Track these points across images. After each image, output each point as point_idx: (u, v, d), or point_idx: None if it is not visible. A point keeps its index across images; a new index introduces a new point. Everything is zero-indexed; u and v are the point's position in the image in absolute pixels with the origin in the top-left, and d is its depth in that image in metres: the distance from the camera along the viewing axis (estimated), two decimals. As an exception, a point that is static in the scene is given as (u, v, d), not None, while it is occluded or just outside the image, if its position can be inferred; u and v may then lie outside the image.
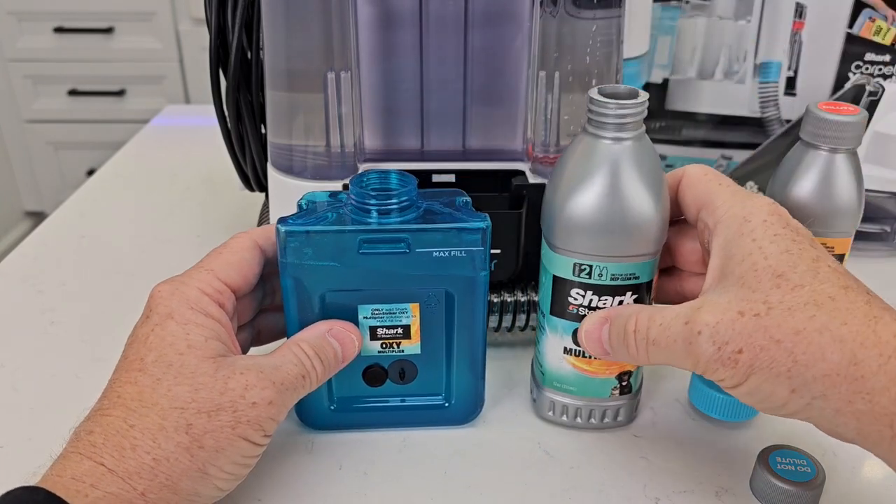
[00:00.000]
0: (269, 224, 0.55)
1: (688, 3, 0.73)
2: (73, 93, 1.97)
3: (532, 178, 0.47)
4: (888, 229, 0.64)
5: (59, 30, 1.90)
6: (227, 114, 0.52)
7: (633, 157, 0.37)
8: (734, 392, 0.33)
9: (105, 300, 0.56)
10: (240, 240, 0.40)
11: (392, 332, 0.41)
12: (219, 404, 0.33)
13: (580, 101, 0.46)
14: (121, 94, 1.98)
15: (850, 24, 0.68)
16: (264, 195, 0.59)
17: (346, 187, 0.47)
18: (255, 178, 0.56)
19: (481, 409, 0.44)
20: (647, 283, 0.40)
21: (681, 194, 0.39)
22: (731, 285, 0.33)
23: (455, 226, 0.38)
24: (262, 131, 0.53)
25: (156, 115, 0.98)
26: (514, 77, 0.49)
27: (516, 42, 0.48)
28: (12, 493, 0.29)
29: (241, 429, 0.34)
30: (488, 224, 0.38)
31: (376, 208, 0.38)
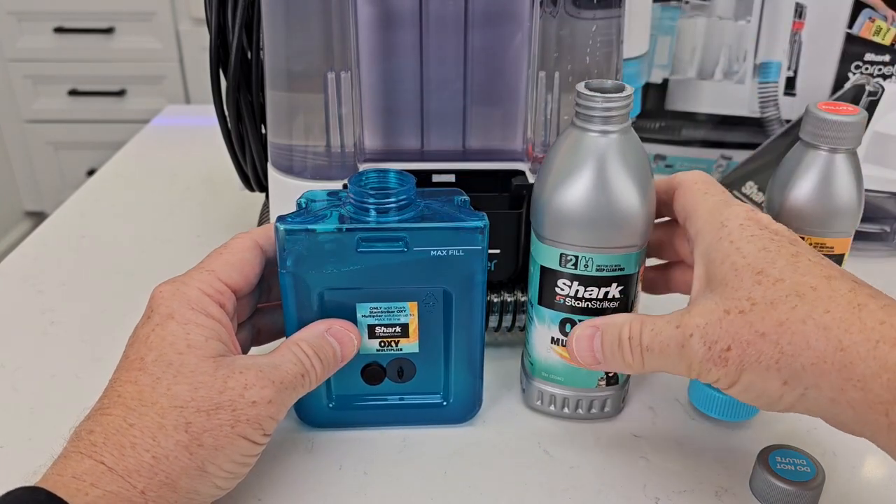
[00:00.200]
0: (269, 224, 0.55)
1: (688, 3, 0.73)
2: (74, 93, 1.97)
3: (532, 178, 0.47)
4: (888, 229, 0.64)
5: (59, 30, 1.90)
6: (227, 114, 0.52)
7: (620, 150, 0.38)
8: (730, 392, 0.33)
9: (105, 300, 0.56)
10: (240, 240, 0.40)
11: (390, 330, 0.41)
12: (218, 403, 0.33)
13: (580, 101, 0.46)
14: (121, 94, 1.98)
15: (850, 25, 0.68)
16: (264, 195, 0.59)
17: (346, 187, 0.47)
18: (255, 178, 0.56)
19: (479, 408, 0.44)
20: (633, 275, 0.40)
21: (675, 202, 0.40)
22: (716, 287, 0.34)
23: (453, 225, 0.38)
24: (263, 131, 0.53)
25: (156, 115, 0.98)
26: (514, 77, 0.49)
27: (516, 42, 0.48)
28: (13, 493, 0.29)
29: (240, 427, 0.34)
30: (486, 223, 0.38)
31: (375, 207, 0.38)
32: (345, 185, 0.47)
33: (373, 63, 0.48)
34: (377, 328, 0.41)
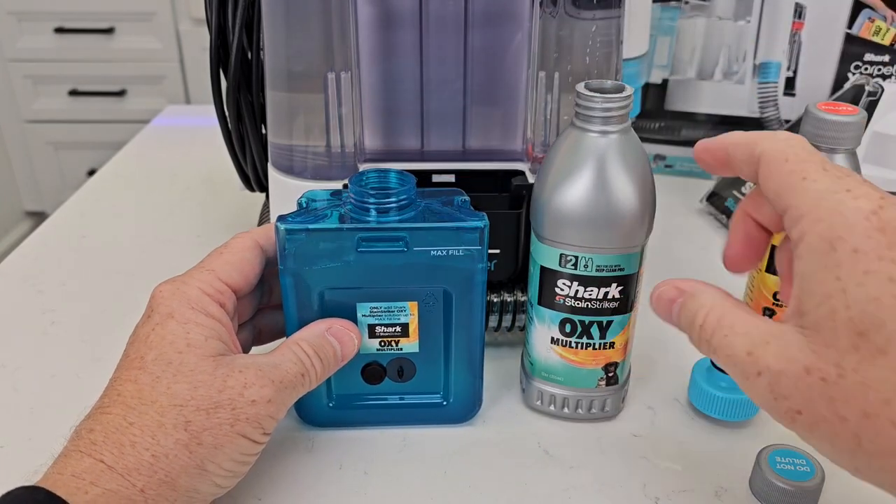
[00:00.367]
0: (269, 224, 0.55)
1: (687, 3, 0.73)
2: (74, 93, 1.97)
3: (532, 178, 0.47)
4: (888, 229, 0.64)
5: (59, 30, 1.90)
6: (227, 114, 0.52)
7: (619, 151, 0.38)
8: None
9: (105, 300, 0.56)
10: (240, 240, 0.40)
11: (391, 330, 0.41)
12: (217, 402, 0.34)
13: (580, 102, 0.46)
14: (121, 94, 1.98)
15: (850, 25, 0.69)
16: (264, 195, 0.59)
17: (346, 187, 0.47)
18: (255, 179, 0.56)
19: (479, 408, 0.44)
20: (633, 275, 0.40)
21: (762, 186, 0.31)
22: (808, 326, 0.27)
23: (453, 225, 0.38)
24: (263, 131, 0.53)
25: (156, 115, 0.98)
26: (514, 77, 0.49)
27: (516, 42, 0.48)
28: (12, 493, 0.29)
29: (239, 426, 0.34)
30: (486, 223, 0.38)
31: (375, 207, 0.38)
32: (345, 185, 0.47)
33: (373, 63, 0.48)
34: (377, 328, 0.41)
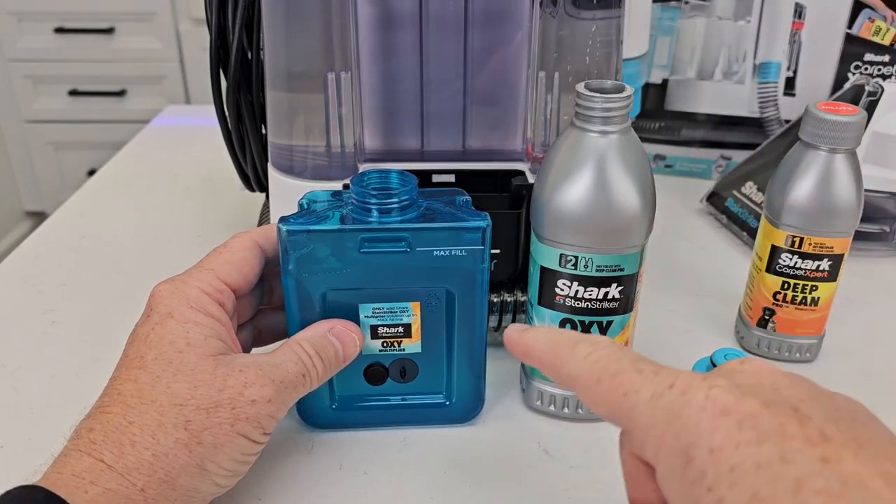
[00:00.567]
0: (269, 224, 0.55)
1: (687, 3, 0.73)
2: (74, 93, 1.97)
3: (532, 178, 0.47)
4: (887, 229, 0.64)
5: (59, 30, 1.90)
6: (227, 114, 0.52)
7: (619, 151, 0.38)
8: None
9: (105, 300, 0.56)
10: (240, 239, 0.40)
11: (393, 330, 0.41)
12: (217, 401, 0.33)
13: (580, 102, 0.46)
14: (121, 94, 1.98)
15: (850, 25, 0.69)
16: (264, 195, 0.59)
17: (346, 187, 0.47)
18: (255, 179, 0.56)
19: (481, 407, 0.44)
20: (633, 275, 0.40)
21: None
22: None
23: (456, 225, 0.38)
24: (263, 131, 0.53)
25: (156, 115, 0.99)
26: (514, 77, 0.49)
27: (516, 42, 0.48)
28: (11, 492, 0.29)
29: (239, 426, 0.34)
30: (489, 223, 0.38)
31: (377, 207, 0.38)
32: (345, 186, 0.47)
33: (373, 63, 0.48)
34: (380, 328, 0.41)
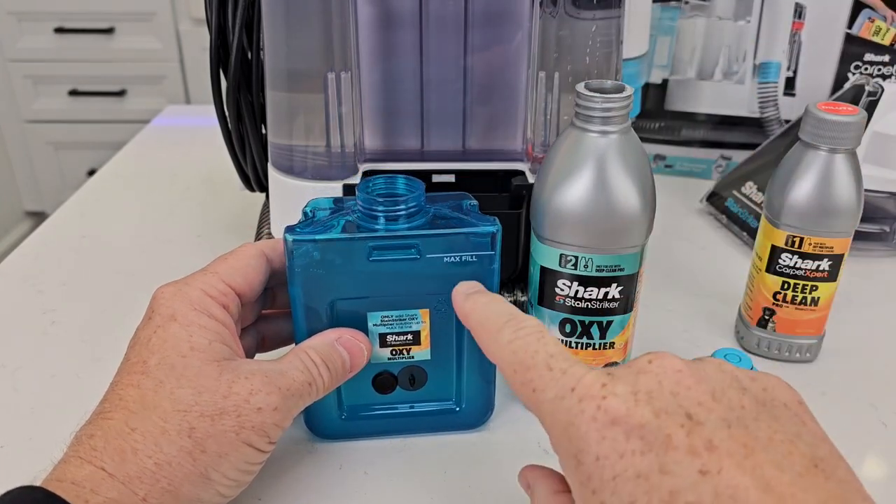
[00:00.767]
0: (269, 223, 0.55)
1: (687, 3, 0.73)
2: (74, 93, 1.97)
3: (532, 178, 0.47)
4: (887, 229, 0.64)
5: (59, 30, 1.90)
6: (227, 114, 0.52)
7: (619, 151, 0.38)
8: None
9: (105, 300, 0.56)
10: (247, 247, 0.39)
11: (402, 338, 0.40)
12: (222, 408, 0.33)
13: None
14: (121, 94, 1.98)
15: (850, 25, 0.69)
16: (264, 195, 0.59)
17: (346, 188, 0.47)
18: (255, 179, 0.56)
19: (491, 413, 0.44)
20: (633, 275, 0.40)
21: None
22: None
23: (465, 230, 0.37)
24: (263, 131, 0.53)
25: (156, 115, 0.99)
26: (514, 77, 0.49)
27: (516, 42, 0.48)
28: (11, 493, 0.29)
29: (244, 434, 0.33)
30: (498, 228, 0.38)
31: (384, 215, 0.37)
32: (345, 186, 0.47)
33: (373, 63, 0.48)
34: (388, 336, 0.40)
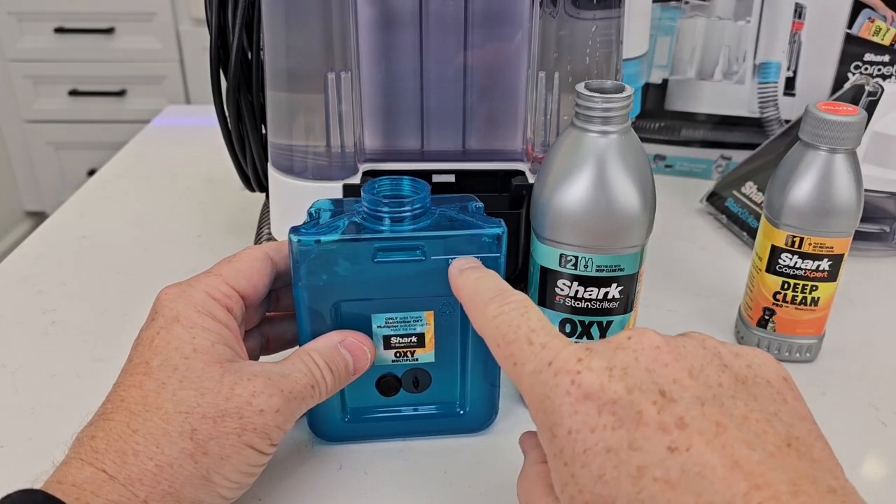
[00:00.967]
0: (269, 223, 0.55)
1: (687, 3, 0.73)
2: (74, 93, 1.98)
3: (532, 178, 0.47)
4: (887, 229, 0.64)
5: (59, 30, 1.90)
6: (227, 114, 0.52)
7: (619, 151, 0.38)
8: None
9: (105, 300, 0.56)
10: (251, 250, 0.39)
11: (406, 340, 0.40)
12: (224, 410, 0.33)
13: (580, 102, 0.46)
14: (121, 94, 1.98)
15: (850, 25, 0.69)
16: (264, 195, 0.59)
17: (346, 188, 0.47)
18: (255, 179, 0.56)
19: (496, 416, 0.43)
20: (633, 275, 0.40)
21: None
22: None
23: (471, 232, 0.37)
24: (263, 131, 0.53)
25: (156, 115, 0.99)
26: (514, 77, 0.49)
27: (516, 42, 0.48)
28: (11, 496, 0.29)
29: (247, 436, 0.33)
30: (504, 230, 0.37)
31: (389, 216, 0.37)
32: (345, 186, 0.47)
33: (373, 63, 0.48)
34: (393, 339, 0.40)
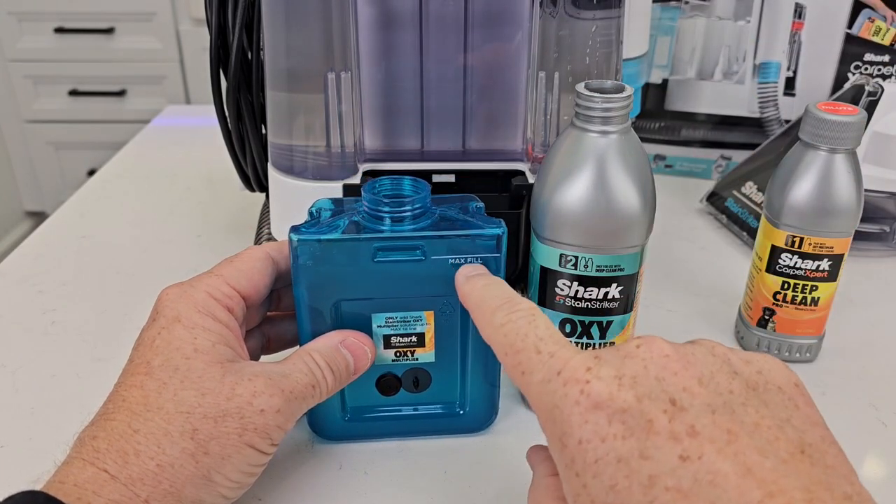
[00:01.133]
0: (269, 223, 0.55)
1: (687, 3, 0.73)
2: (74, 93, 1.98)
3: (532, 178, 0.47)
4: (887, 229, 0.64)
5: (59, 30, 1.90)
6: (227, 114, 0.52)
7: (619, 151, 0.38)
8: None
9: (105, 300, 0.56)
10: (252, 250, 0.39)
11: (406, 340, 0.40)
12: (225, 410, 0.33)
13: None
14: (121, 94, 1.98)
15: (850, 25, 0.69)
16: (264, 195, 0.59)
17: (346, 188, 0.47)
18: (255, 178, 0.56)
19: (496, 416, 0.43)
20: (633, 275, 0.40)
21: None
22: None
23: (471, 233, 0.37)
24: (263, 131, 0.53)
25: (156, 115, 0.99)
26: (514, 77, 0.49)
27: (516, 42, 0.48)
28: (13, 497, 0.29)
29: (247, 436, 0.33)
30: (504, 230, 0.37)
31: (390, 216, 0.37)
32: (345, 186, 0.47)
33: (373, 63, 0.48)
34: (393, 338, 0.40)
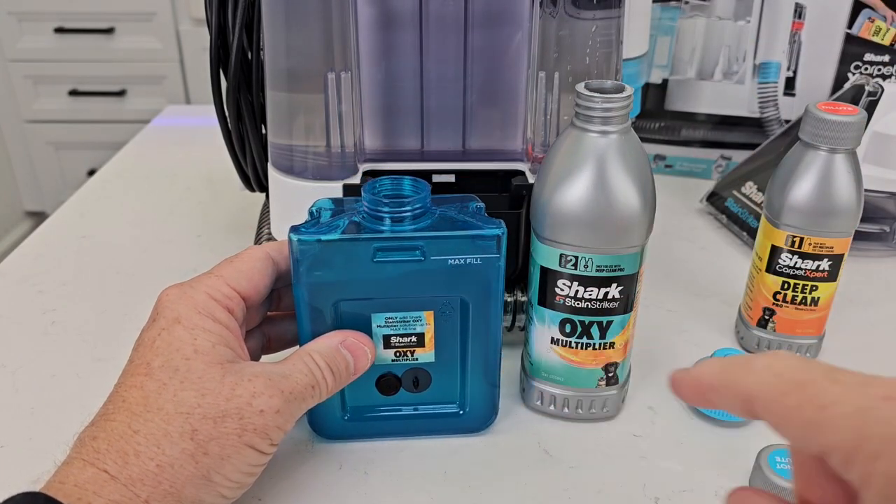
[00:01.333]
0: (269, 223, 0.55)
1: (687, 3, 0.73)
2: (74, 93, 1.97)
3: (532, 178, 0.47)
4: (887, 229, 0.64)
5: (59, 30, 1.90)
6: (227, 114, 0.52)
7: (619, 151, 0.38)
8: None
9: (105, 300, 0.56)
10: (252, 250, 0.39)
11: (406, 340, 0.40)
12: (225, 411, 0.33)
13: (580, 102, 0.46)
14: (121, 94, 1.98)
15: (850, 25, 0.69)
16: (264, 195, 0.59)
17: (346, 188, 0.47)
18: (255, 179, 0.56)
19: (496, 416, 0.44)
20: (633, 275, 0.40)
21: (780, 434, 0.23)
22: None
23: (471, 233, 0.37)
24: (263, 131, 0.53)
25: (156, 115, 0.99)
26: (514, 77, 0.49)
27: (516, 42, 0.48)
28: (14, 498, 0.29)
29: (247, 437, 0.33)
30: (504, 230, 0.37)
31: (390, 216, 0.37)
32: (345, 186, 0.47)
33: (373, 63, 0.48)
34: (392, 338, 0.40)
